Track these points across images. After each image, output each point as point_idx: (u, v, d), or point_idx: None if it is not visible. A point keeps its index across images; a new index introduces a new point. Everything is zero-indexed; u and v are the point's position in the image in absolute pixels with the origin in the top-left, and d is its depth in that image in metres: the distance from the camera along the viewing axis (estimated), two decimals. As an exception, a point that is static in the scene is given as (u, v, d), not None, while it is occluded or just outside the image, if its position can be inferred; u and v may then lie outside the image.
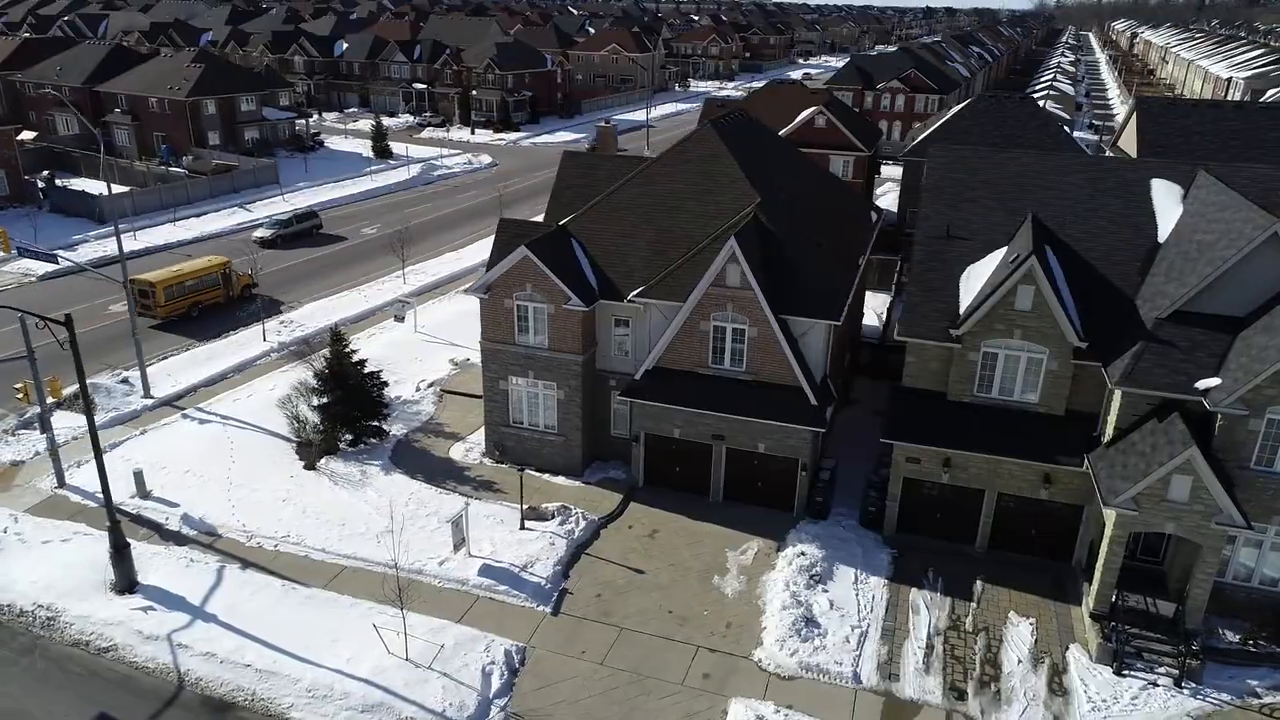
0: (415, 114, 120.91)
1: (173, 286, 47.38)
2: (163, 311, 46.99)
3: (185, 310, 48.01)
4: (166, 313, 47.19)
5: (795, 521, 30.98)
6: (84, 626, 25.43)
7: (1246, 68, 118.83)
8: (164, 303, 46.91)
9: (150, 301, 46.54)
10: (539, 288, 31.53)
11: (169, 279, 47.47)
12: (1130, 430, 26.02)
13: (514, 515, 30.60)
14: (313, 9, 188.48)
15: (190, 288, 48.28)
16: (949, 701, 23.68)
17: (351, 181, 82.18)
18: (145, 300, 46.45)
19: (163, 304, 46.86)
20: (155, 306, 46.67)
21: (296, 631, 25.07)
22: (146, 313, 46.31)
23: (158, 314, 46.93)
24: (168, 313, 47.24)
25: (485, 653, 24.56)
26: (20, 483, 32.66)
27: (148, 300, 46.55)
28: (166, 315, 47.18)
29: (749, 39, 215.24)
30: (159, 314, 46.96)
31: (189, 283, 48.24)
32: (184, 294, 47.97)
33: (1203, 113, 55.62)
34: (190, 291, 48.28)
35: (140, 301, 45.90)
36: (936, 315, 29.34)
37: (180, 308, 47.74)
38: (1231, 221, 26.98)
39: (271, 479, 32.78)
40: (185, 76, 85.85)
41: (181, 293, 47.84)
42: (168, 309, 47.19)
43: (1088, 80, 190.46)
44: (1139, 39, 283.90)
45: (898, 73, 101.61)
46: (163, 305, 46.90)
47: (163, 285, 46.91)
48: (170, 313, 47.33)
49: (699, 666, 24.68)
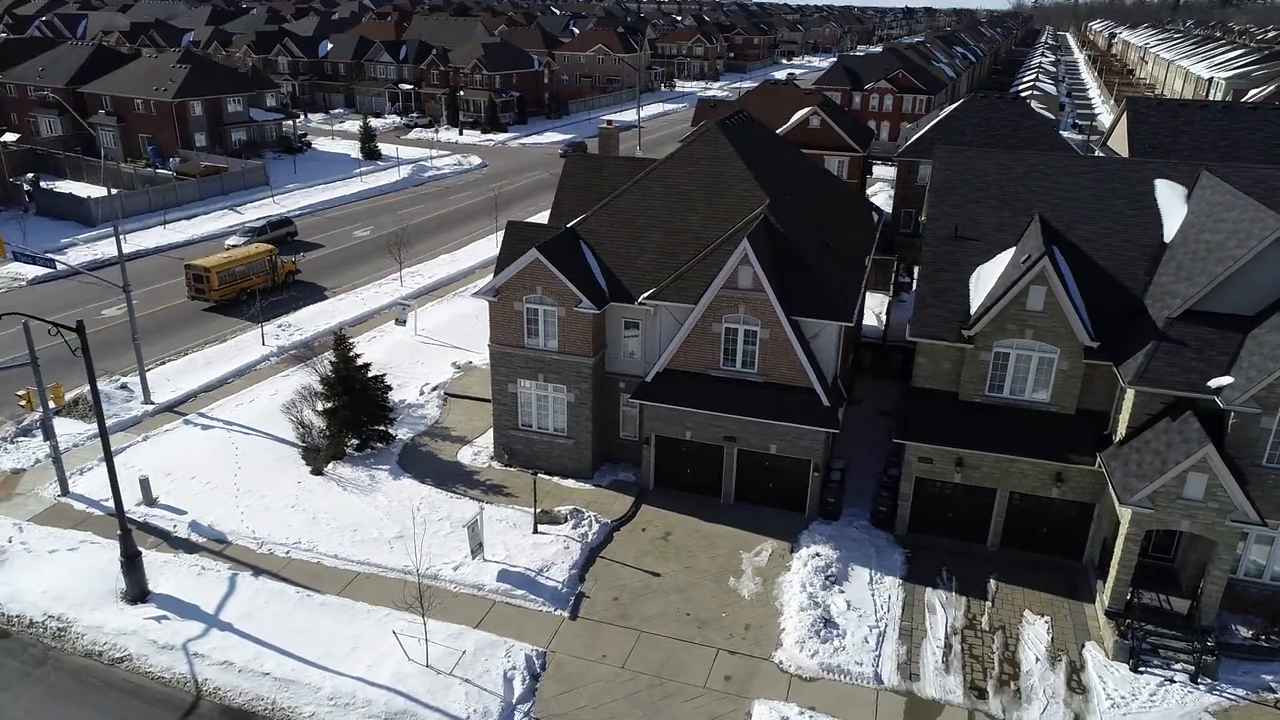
0: (402, 115, 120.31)
1: (226, 272, 49.95)
2: (216, 295, 49.57)
3: (236, 294, 50.21)
4: (219, 296, 49.71)
5: (807, 522, 31.06)
6: (96, 637, 25.09)
7: (1227, 68, 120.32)
8: (218, 286, 49.47)
9: (205, 286, 49.39)
10: (549, 290, 31.42)
11: (222, 264, 50.00)
12: (1143, 429, 26.27)
13: (526, 519, 30.48)
14: (294, 9, 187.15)
15: (240, 273, 50.71)
16: (970, 700, 23.81)
17: (342, 183, 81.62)
18: (200, 284, 49.58)
19: (216, 288, 49.44)
20: (209, 290, 49.42)
21: (314, 639, 24.85)
22: (201, 296, 49.77)
23: (211, 297, 49.64)
24: (220, 296, 49.74)
25: (506, 658, 24.44)
26: (22, 491, 32.18)
27: (202, 285, 49.51)
28: (220, 299, 49.75)
29: (733, 39, 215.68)
30: (213, 297, 49.64)
31: (239, 269, 50.65)
32: (235, 279, 50.33)
33: (1192, 113, 56.29)
34: (240, 277, 50.61)
35: (195, 286, 49.72)
36: (948, 316, 29.49)
37: (231, 292, 50.09)
38: (1240, 221, 27.29)
39: (279, 485, 32.48)
40: (171, 77, 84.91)
41: (233, 278, 50.23)
42: (221, 292, 49.70)
43: (1068, 80, 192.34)
44: (1117, 39, 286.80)
45: (885, 73, 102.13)
46: (216, 289, 49.47)
47: (217, 270, 49.46)
48: (223, 296, 49.80)
49: (720, 669, 24.68)
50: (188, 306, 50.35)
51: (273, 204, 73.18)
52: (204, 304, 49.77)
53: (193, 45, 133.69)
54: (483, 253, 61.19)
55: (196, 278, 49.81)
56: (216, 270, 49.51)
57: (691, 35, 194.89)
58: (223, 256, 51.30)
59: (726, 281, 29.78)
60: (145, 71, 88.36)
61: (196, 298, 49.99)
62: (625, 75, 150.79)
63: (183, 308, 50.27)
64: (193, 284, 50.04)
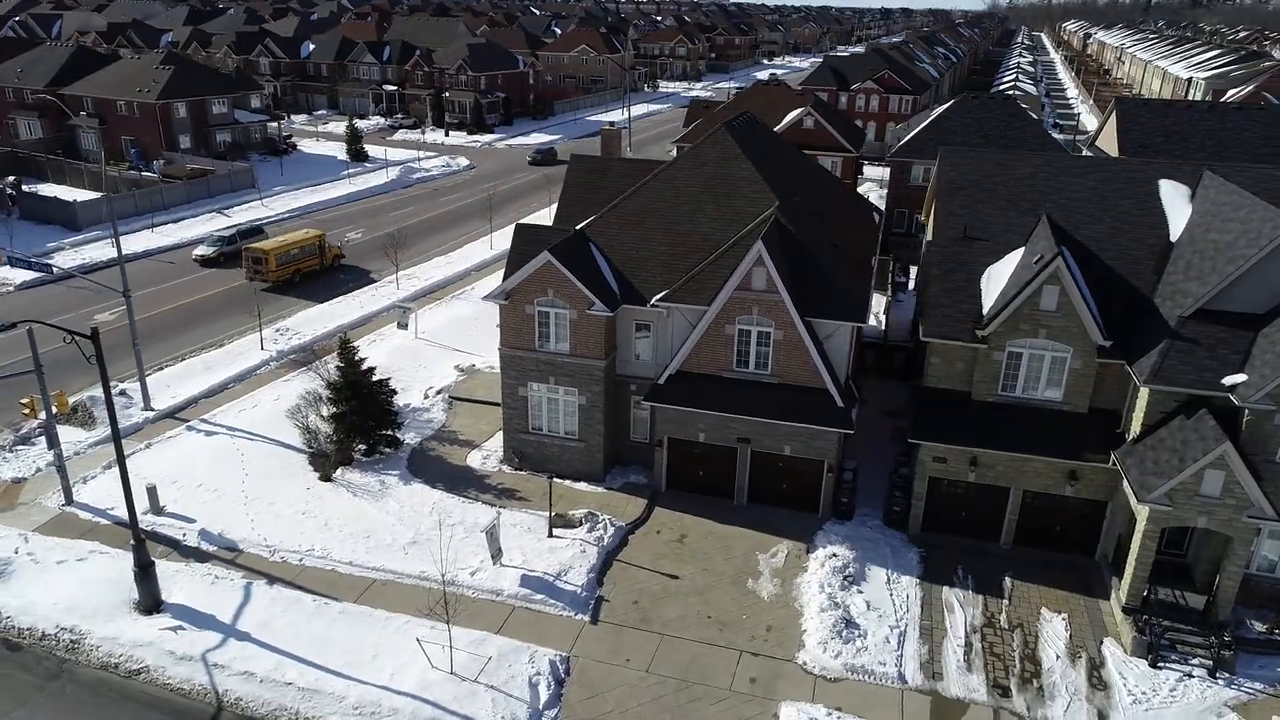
0: (386, 116, 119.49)
1: (282, 254, 53.28)
2: (273, 276, 52.84)
3: (290, 276, 53.70)
4: (276, 277, 53.01)
5: (821, 523, 31.13)
6: (112, 648, 24.68)
7: (1205, 68, 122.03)
8: (275, 268, 52.77)
9: (263, 268, 52.66)
10: (561, 293, 31.28)
11: (279, 248, 53.43)
12: (1157, 427, 26.55)
13: (540, 523, 30.34)
14: (272, 9, 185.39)
15: (294, 256, 54.01)
16: (995, 699, 23.95)
17: (330, 185, 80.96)
18: (259, 266, 52.82)
19: (274, 269, 52.72)
20: (268, 272, 52.63)
21: (335, 648, 24.60)
22: (259, 277, 52.88)
23: (269, 278, 52.81)
24: (277, 277, 53.07)
25: (530, 663, 24.31)
26: (25, 501, 31.60)
27: (260, 267, 52.72)
28: (276, 279, 53.05)
29: (714, 39, 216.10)
30: (270, 278, 52.83)
31: (293, 252, 53.96)
32: (290, 261, 53.75)
33: (1180, 113, 57.05)
34: (294, 260, 53.98)
35: (254, 267, 52.95)
36: (960, 316, 29.67)
37: (286, 273, 53.50)
38: (1249, 221, 27.64)
39: (288, 491, 32.13)
40: (154, 78, 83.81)
41: (288, 260, 53.60)
42: (277, 274, 53.00)
43: (1046, 80, 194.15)
44: (1092, 39, 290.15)
45: (871, 73, 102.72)
46: (274, 270, 52.72)
47: (275, 253, 52.90)
48: (279, 277, 53.11)
49: (744, 671, 24.67)
50: (182, 311, 49.74)
51: (261, 206, 72.48)
52: (262, 285, 52.62)
53: (172, 46, 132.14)
54: (477, 255, 60.94)
55: (255, 260, 52.70)
56: (275, 253, 52.64)
57: (674, 36, 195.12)
58: (279, 240, 54.55)
59: (740, 283, 29.78)
60: (127, 73, 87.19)
61: (254, 279, 52.79)
62: (609, 75, 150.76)
63: (178, 312, 49.66)
64: (251, 266, 52.94)
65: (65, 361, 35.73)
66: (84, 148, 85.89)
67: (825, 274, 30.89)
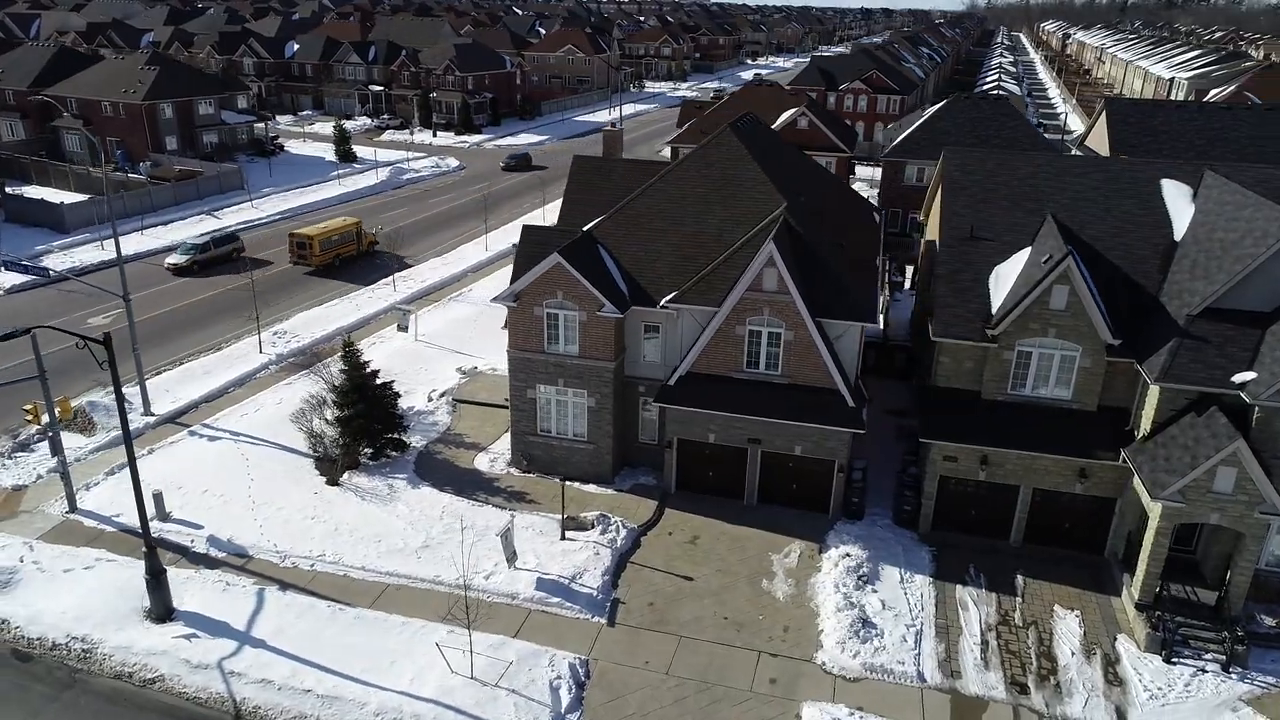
0: (373, 116, 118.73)
1: (325, 240, 56.28)
2: (317, 260, 55.88)
3: (331, 260, 56.59)
4: (320, 261, 55.98)
5: (832, 523, 31.22)
6: (125, 657, 24.37)
7: (1187, 68, 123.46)
8: (319, 253, 55.75)
9: (308, 252, 55.77)
10: (570, 295, 31.19)
11: (323, 234, 56.41)
12: (1167, 424, 26.81)
13: (552, 525, 30.25)
14: (253, 9, 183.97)
15: (335, 242, 57.03)
16: (1013, 696, 24.10)
17: (319, 186, 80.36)
18: (303, 251, 55.99)
19: (318, 254, 55.73)
20: (312, 256, 55.76)
21: (352, 654, 24.40)
22: (303, 262, 56.23)
23: (314, 262, 55.96)
24: (321, 262, 55.99)
25: (550, 667, 24.22)
26: (27, 508, 31.15)
27: (305, 251, 55.92)
28: (320, 264, 56.04)
29: (698, 39, 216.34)
30: (314, 262, 55.97)
31: (335, 238, 57.01)
32: (332, 246, 56.80)
33: (1169, 113, 57.67)
34: (335, 245, 57.01)
35: (298, 252, 56.15)
36: (970, 316, 29.85)
37: (329, 258, 56.47)
38: (1254, 220, 27.97)
39: (295, 496, 31.85)
40: (140, 79, 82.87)
41: (330, 245, 56.65)
42: (321, 258, 55.96)
43: (1027, 80, 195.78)
44: (1072, 40, 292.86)
45: (859, 74, 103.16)
46: (318, 255, 55.75)
47: (319, 239, 55.83)
48: (322, 262, 56.00)
49: (764, 672, 24.70)
50: (178, 314, 49.23)
51: (251, 208, 71.83)
52: (306, 268, 56.04)
53: (153, 46, 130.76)
54: (472, 256, 60.68)
55: (300, 245, 55.91)
56: (319, 238, 55.70)
57: (658, 36, 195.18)
58: (322, 227, 57.57)
59: (751, 284, 29.80)
60: (112, 73, 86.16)
61: (299, 263, 56.31)
62: (595, 76, 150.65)
63: (174, 315, 49.13)
64: (296, 251, 56.07)
65: (57, 368, 35.29)
66: (68, 149, 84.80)
67: (834, 274, 30.97)
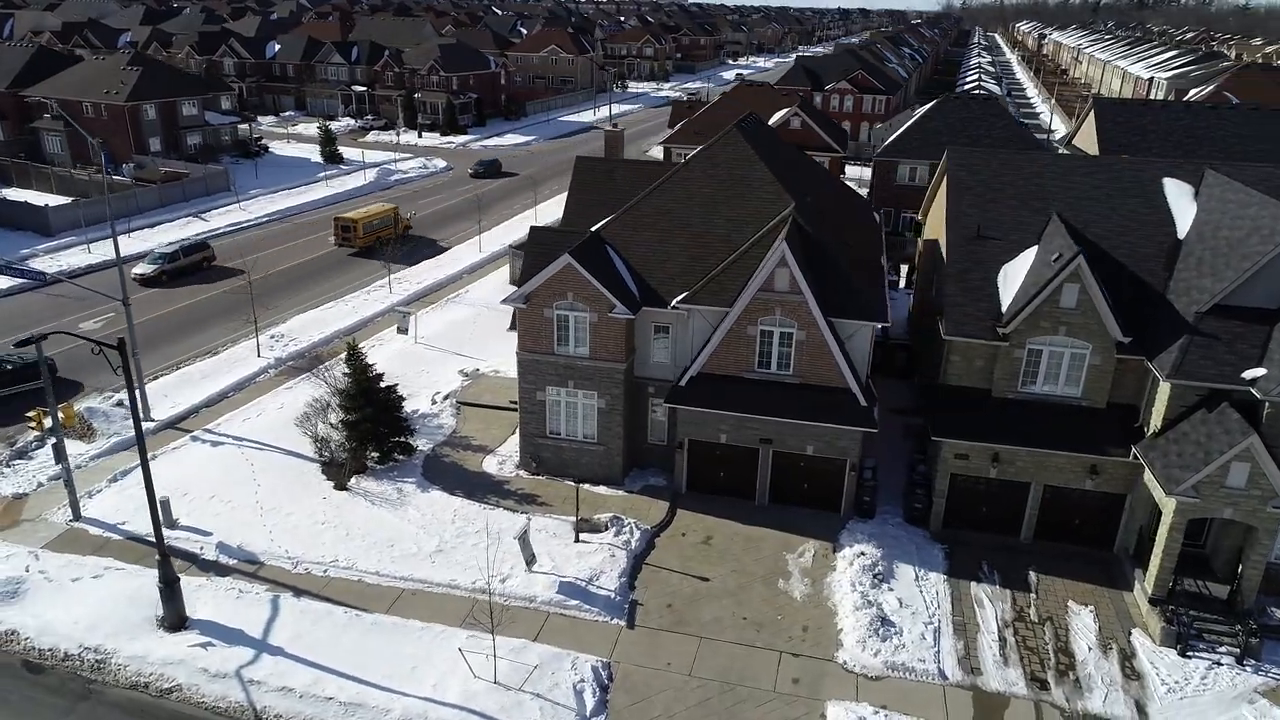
0: (356, 117, 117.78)
1: (368, 223, 60.90)
2: (361, 242, 60.26)
3: (372, 243, 60.27)
4: (363, 243, 60.32)
5: (844, 522, 31.32)
6: (140, 667, 23.98)
7: (1166, 68, 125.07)
8: (362, 235, 60.34)
9: (352, 235, 60.30)
10: (581, 296, 31.07)
11: (366, 217, 61.04)
12: (1178, 421, 27.10)
13: (565, 528, 30.12)
14: (230, 9, 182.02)
15: (376, 225, 61.39)
16: (1034, 692, 24.27)
17: (307, 188, 79.58)
18: (347, 234, 60.49)
19: (362, 236, 60.32)
20: (356, 238, 60.23)
21: (373, 660, 24.17)
22: (347, 243, 60.63)
23: (357, 244, 60.36)
24: (364, 243, 60.33)
25: (572, 670, 24.10)
26: (29, 517, 30.59)
27: (349, 234, 60.38)
28: (363, 245, 60.25)
29: (680, 40, 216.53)
30: (358, 244, 60.36)
31: (375, 222, 61.48)
32: (374, 229, 61.10)
33: (1156, 112, 58.43)
34: (376, 228, 61.30)
35: (343, 235, 60.64)
36: (980, 314, 30.05)
37: (370, 240, 60.57)
38: (1260, 218, 28.34)
39: (303, 501, 31.51)
40: (122, 80, 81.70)
41: (372, 229, 61.03)
42: (364, 240, 60.41)
43: (1005, 80, 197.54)
44: (1048, 40, 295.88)
45: (845, 74, 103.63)
46: (361, 237, 60.30)
47: (362, 222, 60.50)
48: (364, 243, 60.26)
49: (786, 671, 24.72)
50: (172, 318, 48.59)
51: (239, 210, 71.03)
52: (349, 250, 60.31)
53: (131, 46, 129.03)
54: (467, 257, 60.37)
55: (345, 228, 60.31)
56: (362, 222, 60.28)
57: (640, 36, 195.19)
58: (364, 211, 62.18)
59: (763, 284, 29.83)
60: (93, 74, 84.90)
61: (343, 245, 60.73)
62: (579, 76, 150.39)
63: (169, 319, 48.47)
64: (340, 234, 60.52)
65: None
66: (49, 151, 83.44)
67: (844, 274, 31.06)
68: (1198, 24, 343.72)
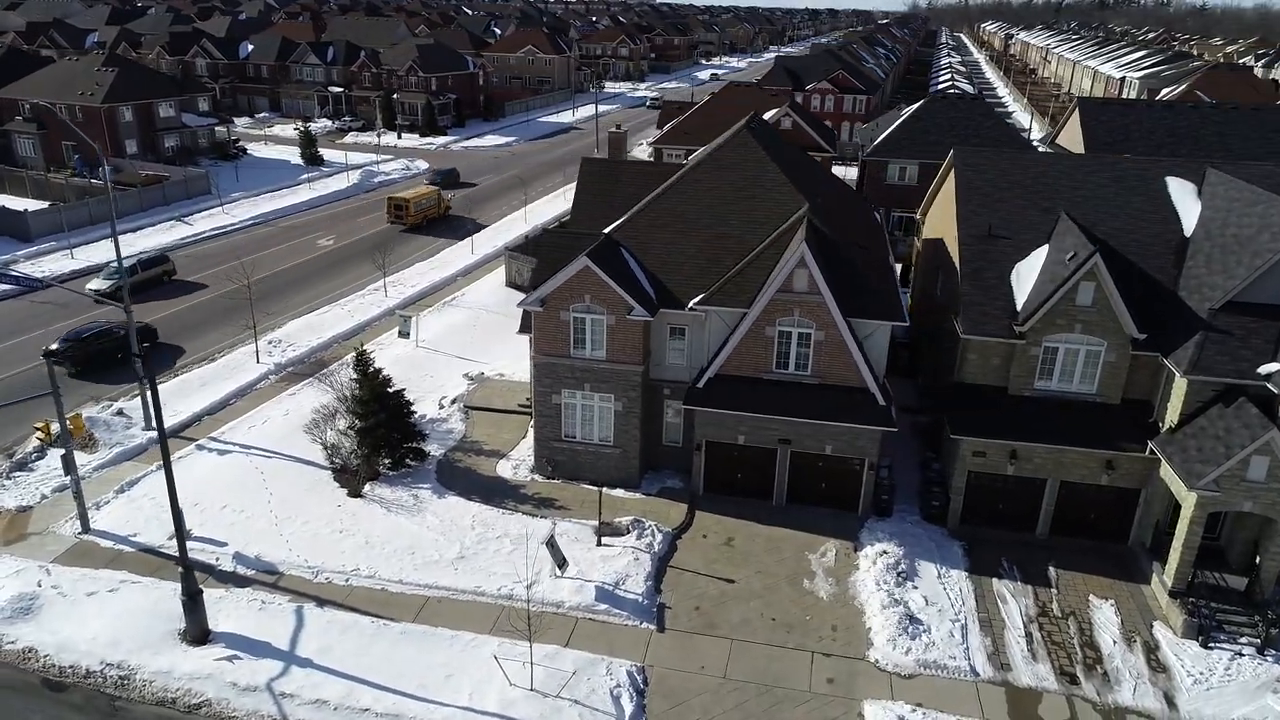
0: (333, 118, 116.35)
1: (418, 202, 67.29)
2: (411, 220, 66.74)
3: (420, 220, 67.30)
4: (413, 221, 66.79)
5: (862, 521, 31.47)
6: (166, 683, 23.48)
7: (1137, 68, 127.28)
8: (413, 213, 66.72)
9: (404, 214, 66.75)
10: (599, 299, 30.91)
11: (416, 197, 67.48)
12: (1194, 416, 27.54)
13: (586, 532, 29.96)
14: (197, 9, 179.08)
15: (424, 205, 67.86)
16: (1064, 686, 24.53)
17: (289, 191, 78.46)
18: (400, 213, 66.89)
19: (412, 214, 66.71)
20: (407, 217, 66.72)
21: (404, 670, 23.87)
22: (399, 221, 66.97)
23: (408, 222, 66.82)
24: (414, 221, 66.81)
25: (608, 675, 23.97)
26: (36, 530, 29.84)
27: (402, 213, 66.80)
28: (413, 223, 66.83)
29: (654, 40, 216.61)
30: (409, 222, 66.81)
31: (423, 202, 67.85)
32: (423, 208, 67.79)
33: (1139, 112, 59.37)
34: (424, 208, 67.87)
35: (395, 213, 67.07)
36: (997, 313, 30.35)
37: (419, 218, 67.33)
38: (1269, 216, 28.88)
39: (318, 509, 31.05)
40: (97, 81, 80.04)
41: (421, 208, 67.67)
42: (414, 218, 66.86)
43: (976, 80, 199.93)
44: (1014, 40, 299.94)
45: (825, 74, 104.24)
46: (412, 215, 66.74)
47: (413, 202, 66.89)
48: (414, 222, 66.82)
49: (819, 671, 24.78)
50: (166, 324, 47.61)
51: (223, 214, 69.86)
52: (400, 227, 66.67)
53: (98, 46, 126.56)
54: (460, 259, 59.90)
55: (398, 207, 66.91)
56: (414, 201, 66.85)
57: (615, 36, 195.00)
58: (415, 191, 68.73)
59: (782, 285, 29.87)
60: (66, 75, 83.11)
61: (396, 222, 66.96)
62: (556, 76, 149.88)
63: (161, 325, 47.49)
64: (394, 212, 67.11)
65: (36, 384, 34.00)
66: (21, 154, 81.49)
67: (860, 274, 31.22)
68: (1157, 24, 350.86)
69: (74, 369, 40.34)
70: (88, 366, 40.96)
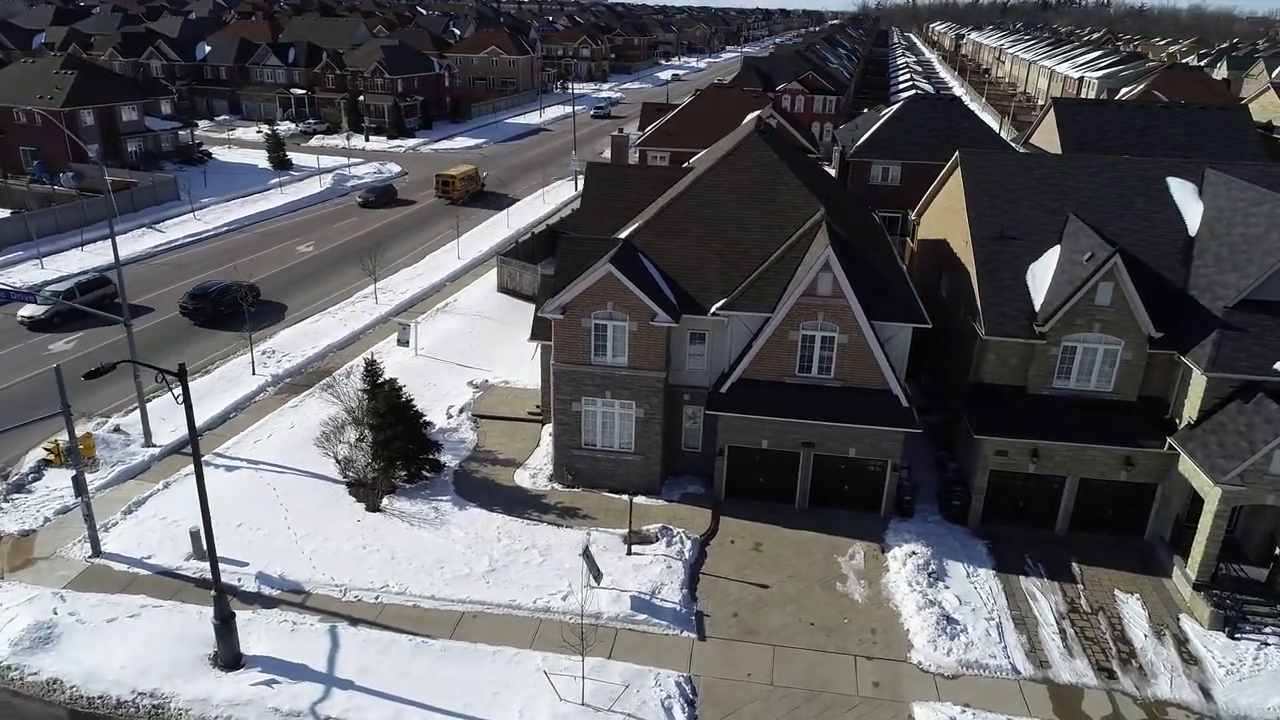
0: (296, 121, 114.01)
1: (462, 179, 76.09)
2: (457, 194, 75.32)
3: (463, 195, 75.75)
4: (458, 195, 75.39)
5: (885, 522, 31.66)
6: (204, 711, 22.73)
7: (1094, 68, 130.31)
8: (459, 189, 75.50)
9: (450, 189, 75.44)
10: (621, 305, 30.66)
11: (460, 174, 76.26)
12: (1213, 412, 28.19)
13: (615, 541, 29.71)
14: (145, 9, 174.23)
15: (465, 182, 76.47)
16: (1103, 681, 24.92)
17: (260, 196, 76.70)
18: (447, 188, 75.61)
19: (458, 189, 75.49)
20: (453, 192, 75.41)
21: (449, 689, 23.41)
22: (446, 196, 75.60)
23: (454, 197, 75.27)
24: (458, 195, 75.37)
25: (657, 687, 23.77)
26: (43, 555, 28.69)
27: (448, 188, 75.51)
28: (458, 198, 75.16)
29: (614, 40, 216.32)
30: (455, 196, 75.30)
31: (465, 179, 76.63)
32: (465, 185, 76.37)
33: (1112, 112, 60.72)
34: (465, 184, 76.49)
35: (442, 189, 75.81)
36: (1015, 314, 30.75)
37: (463, 194, 75.85)
38: (1275, 215, 29.68)
39: (337, 525, 30.34)
40: (57, 84, 77.37)
41: (464, 184, 76.29)
42: (459, 192, 75.55)
43: (933, 80, 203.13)
44: (966, 40, 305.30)
45: (795, 74, 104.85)
46: (457, 190, 75.51)
47: (459, 178, 75.70)
48: (459, 195, 75.32)
49: (864, 675, 24.85)
50: (158, 333, 46.13)
51: (194, 220, 68.06)
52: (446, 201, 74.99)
53: (46, 47, 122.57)
54: (446, 265, 59.07)
55: (445, 183, 75.60)
56: (459, 178, 75.58)
57: (577, 36, 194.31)
58: (460, 169, 77.68)
59: (806, 289, 29.92)
60: (22, 78, 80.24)
61: (442, 197, 75.57)
62: (520, 77, 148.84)
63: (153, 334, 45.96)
64: (441, 188, 75.78)
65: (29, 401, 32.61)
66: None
67: (881, 277, 31.41)
68: (1099, 25, 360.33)
69: (201, 320, 47.45)
70: (215, 318, 47.77)
